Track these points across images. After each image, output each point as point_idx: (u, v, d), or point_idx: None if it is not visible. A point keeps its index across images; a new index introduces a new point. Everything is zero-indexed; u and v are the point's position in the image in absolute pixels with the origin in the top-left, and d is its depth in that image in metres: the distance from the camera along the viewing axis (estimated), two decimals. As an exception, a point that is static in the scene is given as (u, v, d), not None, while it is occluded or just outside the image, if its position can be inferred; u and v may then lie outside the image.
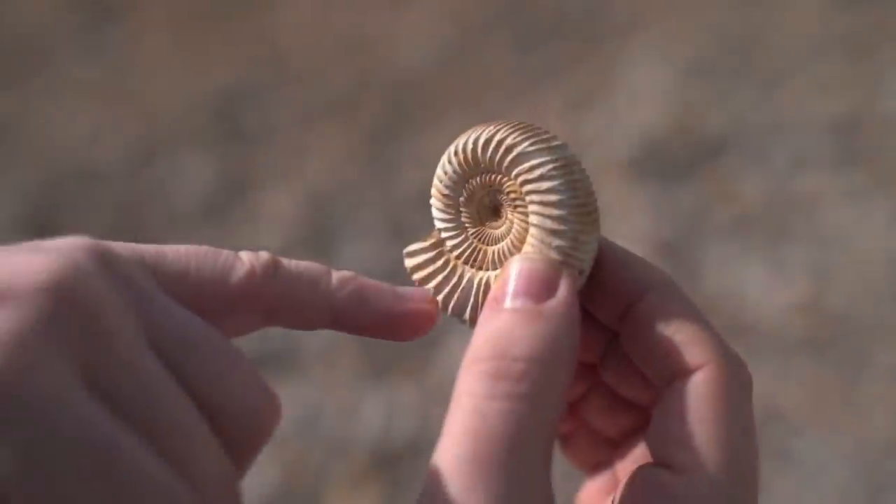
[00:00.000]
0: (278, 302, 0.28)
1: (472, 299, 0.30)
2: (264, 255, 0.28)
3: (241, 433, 0.24)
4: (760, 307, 1.27)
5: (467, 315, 0.30)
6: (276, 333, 1.31)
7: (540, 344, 0.26)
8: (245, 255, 0.28)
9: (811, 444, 1.12)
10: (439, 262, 0.30)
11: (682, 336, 0.27)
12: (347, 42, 1.93)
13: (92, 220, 1.55)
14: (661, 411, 0.27)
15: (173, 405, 0.22)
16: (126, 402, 0.21)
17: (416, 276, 0.31)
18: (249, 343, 1.30)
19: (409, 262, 0.31)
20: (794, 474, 1.09)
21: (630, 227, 1.39)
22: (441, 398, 1.21)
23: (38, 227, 1.54)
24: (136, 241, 0.26)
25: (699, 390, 0.27)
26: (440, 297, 0.30)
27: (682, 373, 0.27)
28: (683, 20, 1.81)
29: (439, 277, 0.30)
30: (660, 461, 0.27)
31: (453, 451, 0.24)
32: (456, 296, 0.30)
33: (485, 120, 0.31)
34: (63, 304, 0.21)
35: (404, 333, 0.29)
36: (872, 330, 1.22)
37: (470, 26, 1.91)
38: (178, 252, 0.26)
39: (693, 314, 0.28)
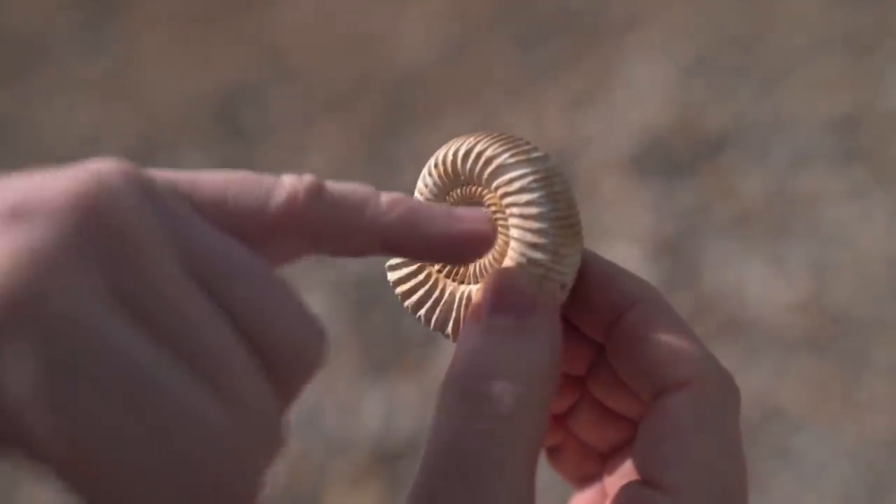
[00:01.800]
0: (323, 227, 0.26)
1: (454, 313, 0.29)
2: (307, 178, 0.26)
3: (286, 367, 0.22)
4: (761, 305, 1.27)
5: (450, 329, 0.29)
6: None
7: (521, 361, 0.25)
8: (287, 179, 0.26)
9: (811, 441, 1.12)
10: (421, 276, 0.30)
11: (668, 351, 0.27)
12: (347, 40, 1.93)
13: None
14: (646, 428, 0.27)
15: (210, 328, 0.21)
16: (157, 323, 0.20)
17: (399, 289, 0.30)
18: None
19: (392, 276, 0.31)
20: (795, 472, 1.10)
21: (630, 224, 1.39)
22: (441, 396, 1.21)
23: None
24: None
25: (685, 407, 0.26)
26: (422, 312, 0.30)
27: (668, 388, 0.27)
28: (684, 17, 1.81)
29: (421, 291, 0.30)
30: (646, 479, 0.26)
31: (434, 470, 0.24)
32: (438, 310, 0.29)
33: (484, 119, 0.31)
34: (89, 220, 0.20)
35: (459, 256, 0.27)
36: (873, 328, 1.22)
37: (470, 23, 1.91)
38: (214, 178, 0.25)
39: (680, 329, 0.28)
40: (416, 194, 0.30)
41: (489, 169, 0.28)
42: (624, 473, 0.31)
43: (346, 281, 1.38)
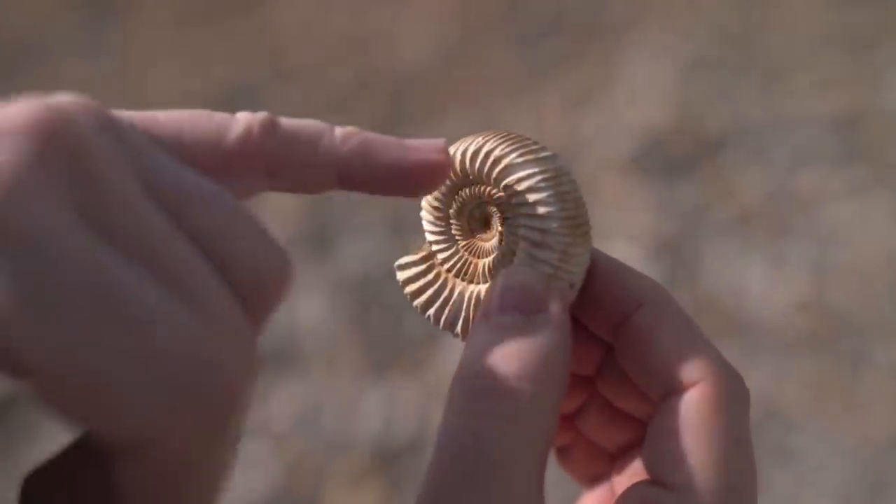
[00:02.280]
0: (278, 161, 0.26)
1: (463, 313, 0.29)
2: (261, 114, 0.27)
3: (252, 287, 0.23)
4: (761, 304, 1.27)
5: (459, 329, 0.29)
6: (276, 332, 1.31)
7: (530, 360, 0.25)
8: (241, 115, 0.27)
9: (811, 441, 1.12)
10: (430, 276, 0.30)
11: (677, 351, 0.27)
12: (347, 40, 1.93)
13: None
14: (655, 428, 0.27)
15: (175, 243, 0.21)
16: (122, 237, 0.20)
17: (408, 289, 0.30)
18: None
19: (401, 276, 0.31)
20: (794, 471, 1.10)
21: (630, 224, 1.39)
22: (441, 396, 1.21)
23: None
24: None
25: (694, 407, 0.26)
26: (431, 311, 0.30)
27: (677, 389, 0.27)
28: (684, 17, 1.81)
29: (430, 291, 0.30)
30: (654, 479, 0.26)
31: (443, 469, 0.24)
32: (447, 309, 0.29)
33: (485, 119, 0.31)
34: (50, 141, 0.20)
35: (414, 187, 0.28)
36: (872, 327, 1.22)
37: (470, 24, 1.91)
38: (170, 115, 0.25)
39: (689, 328, 0.28)
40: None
41: (497, 168, 0.28)
42: (633, 473, 0.31)
43: (347, 281, 1.38)
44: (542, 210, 0.28)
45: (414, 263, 0.30)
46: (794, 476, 1.09)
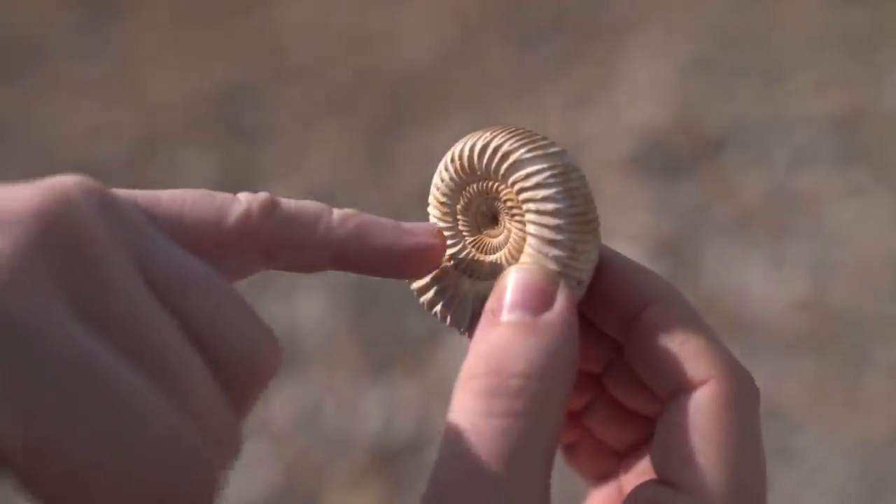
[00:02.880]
0: (276, 242, 0.27)
1: (469, 310, 0.29)
2: (262, 195, 0.27)
3: (240, 374, 0.23)
4: (761, 304, 1.27)
5: (465, 326, 0.29)
6: (276, 331, 1.31)
7: (537, 358, 0.25)
8: (242, 196, 0.27)
9: (812, 441, 1.12)
10: (436, 272, 0.30)
11: (686, 349, 0.27)
12: (348, 40, 1.93)
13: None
14: (664, 427, 0.27)
15: (167, 336, 0.22)
16: (116, 330, 0.21)
17: (415, 286, 0.30)
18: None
19: None
20: (795, 471, 1.10)
21: (630, 224, 1.39)
22: (441, 395, 1.21)
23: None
24: None
25: (704, 406, 0.26)
26: (438, 308, 0.30)
27: (686, 387, 0.26)
28: (684, 17, 1.81)
29: (436, 288, 0.30)
30: (663, 479, 0.26)
31: (451, 468, 0.24)
32: (454, 307, 0.29)
33: (485, 119, 0.31)
34: (50, 230, 0.21)
35: (406, 270, 0.28)
36: (873, 327, 1.22)
37: (470, 24, 1.91)
38: (172, 195, 0.26)
39: (698, 326, 0.27)
40: (433, 189, 0.30)
41: (506, 164, 0.28)
42: (640, 472, 0.31)
43: (346, 281, 1.38)
44: (550, 206, 0.27)
45: None
46: (795, 476, 1.09)
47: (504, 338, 0.25)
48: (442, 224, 0.30)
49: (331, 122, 1.71)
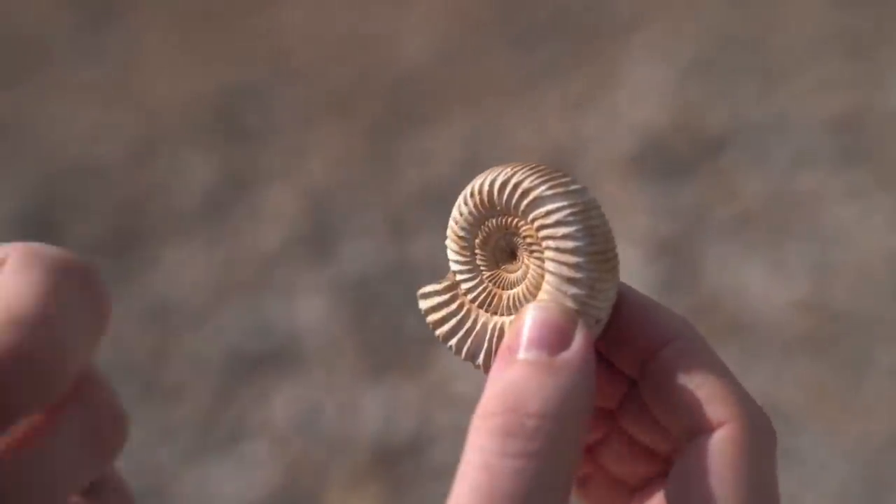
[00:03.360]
0: None
1: (485, 345, 0.29)
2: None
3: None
4: (761, 305, 1.27)
5: (481, 360, 0.29)
6: (276, 333, 1.31)
7: (553, 398, 0.25)
8: None
9: (811, 442, 1.12)
10: (453, 306, 0.30)
11: (704, 390, 0.27)
12: (348, 40, 1.93)
13: (93, 219, 1.55)
14: (679, 469, 0.26)
15: None
16: None
17: (430, 318, 0.30)
18: (249, 342, 1.30)
19: (424, 304, 0.31)
20: (795, 473, 1.09)
21: (630, 225, 1.39)
22: (441, 397, 1.21)
23: (39, 225, 1.54)
24: (137, 238, 0.26)
25: (720, 449, 0.26)
26: (454, 341, 0.30)
27: (703, 429, 0.26)
28: (684, 18, 1.81)
29: (453, 321, 0.30)
30: None
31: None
32: (470, 340, 0.29)
33: (486, 120, 0.31)
34: None
35: None
36: (873, 328, 1.22)
37: (470, 25, 1.91)
38: None
39: (717, 367, 0.27)
40: (451, 223, 0.30)
41: (526, 200, 0.28)
42: None
43: (346, 281, 1.38)
44: (570, 244, 0.28)
45: (437, 293, 0.30)
46: (795, 476, 1.09)
47: (521, 376, 0.25)
48: (459, 258, 0.30)
49: (331, 122, 1.71)
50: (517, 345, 0.26)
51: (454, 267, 0.30)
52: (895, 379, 1.17)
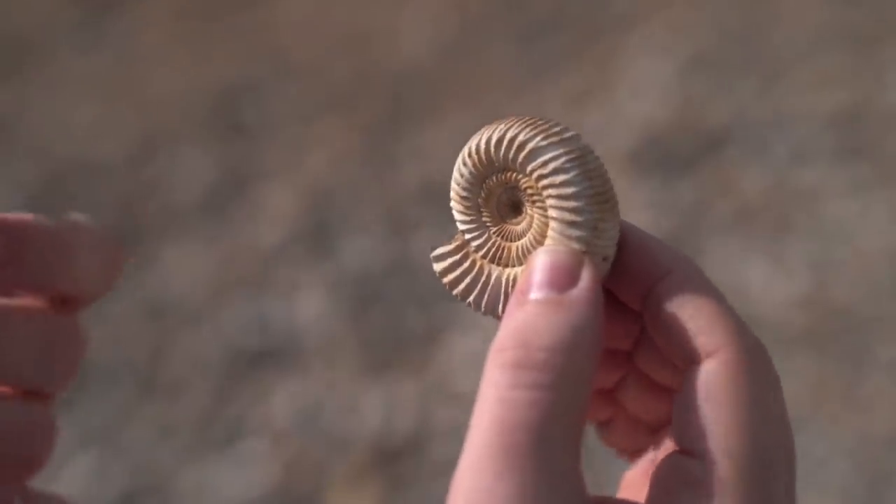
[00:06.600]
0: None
1: (502, 297, 0.30)
2: None
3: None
4: (761, 301, 1.26)
5: (500, 311, 0.30)
6: (275, 330, 1.31)
7: (563, 332, 0.26)
8: None
9: (812, 438, 1.12)
10: (466, 264, 0.31)
11: (698, 320, 0.27)
12: (347, 37, 1.93)
13: (92, 215, 1.55)
14: (679, 398, 0.27)
15: None
16: None
17: (446, 279, 0.31)
18: (248, 339, 1.30)
19: (437, 266, 0.31)
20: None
21: (631, 221, 1.38)
22: (441, 395, 1.21)
23: (38, 223, 1.54)
24: (136, 235, 0.27)
25: (714, 376, 0.26)
26: (472, 298, 0.31)
27: (698, 358, 0.27)
28: (684, 13, 1.81)
29: (468, 279, 0.31)
30: (682, 449, 0.27)
31: (480, 441, 0.24)
32: (486, 294, 0.30)
33: (485, 116, 0.31)
34: None
35: None
36: (873, 324, 1.22)
37: (470, 20, 1.91)
38: None
39: (711, 297, 0.28)
40: (453, 184, 0.31)
41: (522, 153, 0.29)
42: (671, 445, 0.31)
43: (346, 279, 1.38)
44: (569, 190, 0.29)
45: (449, 254, 0.31)
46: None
47: (532, 314, 0.26)
48: (465, 218, 0.31)
49: (330, 119, 1.71)
50: (528, 287, 0.27)
51: (461, 227, 0.31)
52: (895, 375, 1.17)
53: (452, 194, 0.31)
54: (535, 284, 0.27)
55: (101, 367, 1.27)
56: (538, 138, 0.29)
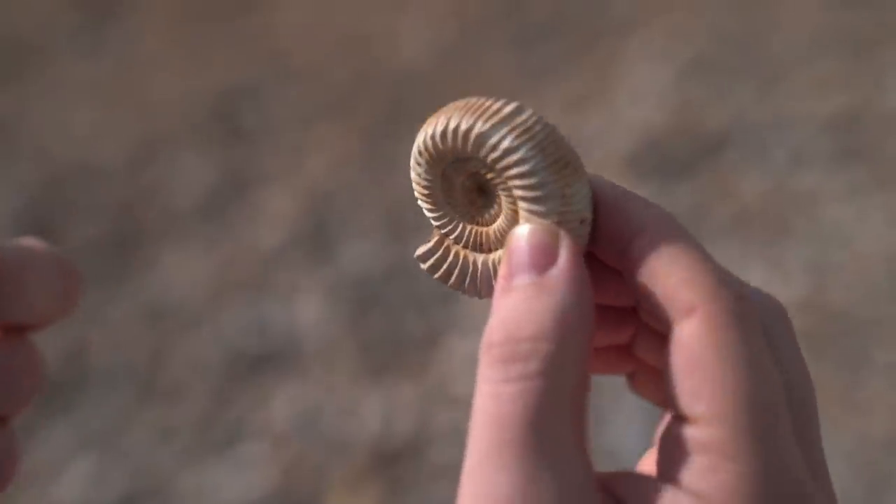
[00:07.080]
0: None
1: (493, 279, 0.30)
2: None
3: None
4: (760, 305, 1.26)
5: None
6: (275, 333, 1.31)
7: (546, 319, 0.25)
8: None
9: (811, 441, 1.12)
10: (450, 257, 0.31)
11: (673, 278, 0.26)
12: (347, 41, 1.93)
13: (92, 219, 1.55)
14: (666, 363, 0.26)
15: None
16: None
17: (436, 275, 0.31)
18: (248, 343, 1.30)
19: (424, 265, 0.31)
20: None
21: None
22: (440, 398, 1.21)
23: (39, 225, 1.54)
24: (136, 238, 0.27)
25: (695, 336, 0.25)
26: (465, 287, 0.30)
27: (677, 317, 0.26)
28: (683, 17, 1.81)
29: (456, 271, 0.30)
30: (677, 413, 0.26)
31: (479, 439, 0.24)
32: (478, 282, 0.30)
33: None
34: None
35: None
36: (871, 327, 1.22)
37: (469, 25, 1.91)
38: None
39: (688, 253, 0.26)
40: (414, 185, 0.30)
41: (470, 142, 0.28)
42: None
43: (345, 282, 1.38)
44: (525, 167, 0.27)
45: (430, 251, 0.31)
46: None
47: (514, 303, 0.26)
48: (435, 213, 0.30)
49: (330, 123, 1.71)
50: (508, 273, 0.27)
51: (434, 223, 0.31)
52: (893, 378, 1.17)
53: (416, 193, 0.31)
54: (514, 268, 0.27)
55: (100, 370, 1.27)
56: (479, 123, 0.28)
